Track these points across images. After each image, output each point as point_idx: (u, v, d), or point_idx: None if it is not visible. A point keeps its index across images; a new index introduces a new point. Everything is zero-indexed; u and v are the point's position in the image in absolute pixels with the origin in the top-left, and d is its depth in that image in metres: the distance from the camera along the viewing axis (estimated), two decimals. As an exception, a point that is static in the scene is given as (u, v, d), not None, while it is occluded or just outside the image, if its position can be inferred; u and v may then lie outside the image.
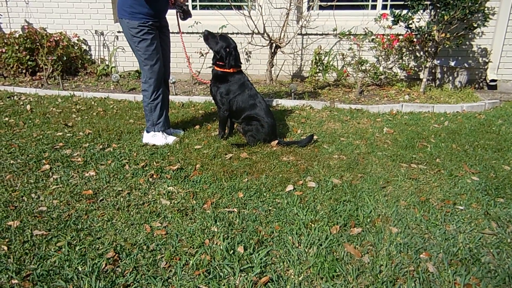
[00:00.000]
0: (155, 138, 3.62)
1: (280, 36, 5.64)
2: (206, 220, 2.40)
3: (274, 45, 5.69)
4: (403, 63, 5.85)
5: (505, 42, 5.67)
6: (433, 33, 5.06)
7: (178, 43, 6.23)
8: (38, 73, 6.24)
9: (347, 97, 5.30)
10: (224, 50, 3.53)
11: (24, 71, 6.18)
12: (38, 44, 5.99)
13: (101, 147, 3.52)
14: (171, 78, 5.16)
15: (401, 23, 5.18)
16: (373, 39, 5.53)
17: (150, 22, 3.33)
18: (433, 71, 5.85)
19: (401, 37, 5.47)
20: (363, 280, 1.93)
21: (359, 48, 5.68)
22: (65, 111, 4.60)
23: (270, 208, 2.55)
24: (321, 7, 5.99)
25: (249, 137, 3.59)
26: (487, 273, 1.98)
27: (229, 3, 5.78)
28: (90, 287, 1.85)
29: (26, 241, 2.18)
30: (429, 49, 5.30)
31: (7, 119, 4.25)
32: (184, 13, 3.63)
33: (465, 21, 5.10)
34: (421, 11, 5.15)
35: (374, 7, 6.06)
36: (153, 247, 2.15)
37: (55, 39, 6.10)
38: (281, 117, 4.43)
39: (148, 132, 3.65)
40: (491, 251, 2.14)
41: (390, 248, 2.15)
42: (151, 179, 2.93)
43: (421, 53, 5.82)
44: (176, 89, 5.68)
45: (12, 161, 3.18)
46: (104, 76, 6.44)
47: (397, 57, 5.71)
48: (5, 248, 2.11)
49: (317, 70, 5.78)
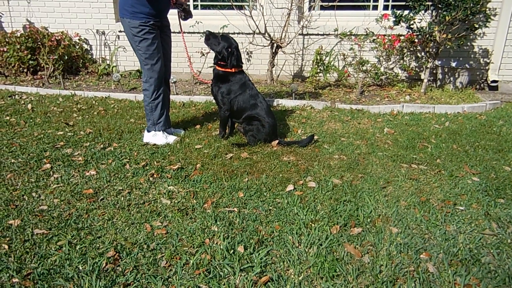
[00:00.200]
0: (156, 137, 3.62)
1: (281, 36, 5.65)
2: (206, 219, 2.41)
3: (275, 45, 5.69)
4: (404, 63, 5.85)
5: (506, 43, 5.67)
6: (434, 34, 5.06)
7: (179, 43, 6.23)
8: (39, 72, 6.25)
9: (348, 97, 5.30)
10: (226, 50, 3.53)
11: (25, 70, 6.19)
12: (39, 43, 6.00)
13: (102, 146, 3.52)
14: (172, 77, 5.17)
15: (403, 24, 5.18)
16: (374, 39, 5.53)
17: (151, 21, 3.32)
18: (434, 71, 5.84)
19: (402, 38, 5.47)
20: (363, 280, 1.93)
21: (360, 48, 5.68)
22: (66, 110, 4.60)
23: (270, 207, 2.56)
24: (323, 7, 6.00)
25: (250, 137, 3.59)
26: (487, 274, 1.98)
27: (230, 3, 5.79)
28: (90, 286, 1.86)
29: (26, 240, 2.18)
30: (430, 50, 5.30)
31: (8, 118, 4.26)
32: (185, 13, 3.63)
33: (467, 22, 5.10)
34: (423, 12, 5.15)
35: (375, 8, 6.06)
36: (154, 246, 2.16)
37: (57, 38, 6.11)
38: (282, 117, 4.43)
39: (148, 131, 3.65)
40: (491, 251, 2.14)
41: (390, 248, 2.15)
42: (151, 179, 2.94)
43: (422, 54, 5.82)
44: (177, 89, 5.68)
45: (13, 160, 3.19)
46: (105, 75, 6.45)
47: (398, 57, 5.71)
48: (6, 247, 2.11)
49: (318, 70, 5.78)
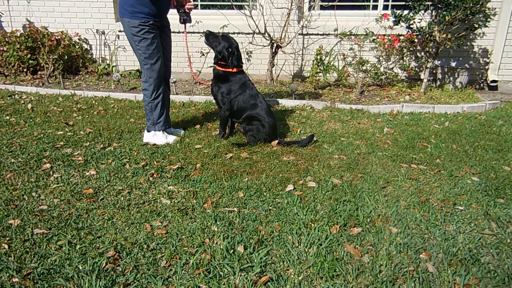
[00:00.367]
0: (156, 137, 3.62)
1: (281, 36, 5.65)
2: (206, 219, 2.41)
3: (275, 45, 5.69)
4: (404, 63, 5.85)
5: (506, 42, 5.67)
6: (434, 34, 5.06)
7: (179, 43, 6.25)
8: (39, 72, 6.25)
9: (348, 97, 5.30)
10: (226, 50, 3.52)
11: (25, 70, 6.19)
12: (39, 43, 6.00)
13: (102, 146, 3.52)
14: (172, 77, 5.17)
15: (402, 24, 5.18)
16: (374, 39, 5.53)
17: (151, 21, 3.32)
18: (434, 71, 5.84)
19: (402, 38, 5.47)
20: (363, 280, 1.93)
21: (360, 48, 5.68)
22: (66, 110, 4.60)
23: (270, 207, 2.56)
24: (322, 7, 6.00)
25: (250, 137, 3.59)
26: (487, 273, 1.98)
27: (230, 3, 5.79)
28: (90, 285, 1.86)
29: (26, 239, 2.18)
30: (430, 50, 5.30)
31: (8, 117, 4.26)
32: (186, 16, 3.65)
33: (466, 22, 5.10)
34: (422, 12, 5.15)
35: (375, 8, 6.07)
36: (154, 246, 2.16)
37: (56, 38, 6.10)
38: (282, 117, 4.43)
39: (148, 131, 3.65)
40: (491, 251, 2.15)
41: (390, 248, 2.15)
42: (151, 178, 2.94)
43: (422, 54, 5.82)
44: (177, 89, 5.68)
45: (13, 160, 3.19)
46: (105, 75, 6.45)
47: (398, 57, 5.72)
48: (6, 246, 2.11)
49: (318, 70, 5.78)
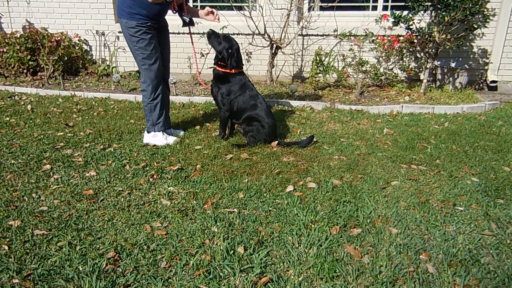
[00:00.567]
0: (156, 138, 3.63)
1: (280, 37, 5.65)
2: (206, 220, 2.41)
3: (274, 45, 5.70)
4: (404, 64, 5.85)
5: (505, 43, 5.68)
6: (433, 34, 5.07)
7: (178, 44, 6.27)
8: (39, 73, 6.25)
9: (348, 98, 5.30)
10: (226, 51, 3.52)
11: (25, 71, 6.19)
12: (39, 44, 6.00)
13: (102, 147, 3.53)
14: (172, 78, 5.17)
15: (402, 24, 5.19)
16: (373, 40, 5.54)
17: (148, 23, 3.34)
18: (434, 72, 5.85)
19: (401, 38, 5.47)
20: (363, 280, 1.93)
21: (359, 49, 5.68)
22: (66, 111, 4.61)
23: (270, 208, 2.56)
24: (322, 8, 6.00)
25: (250, 138, 3.59)
26: (487, 274, 1.98)
27: (230, 4, 5.79)
28: (90, 286, 1.86)
29: (27, 240, 2.18)
30: (430, 50, 5.30)
31: (8, 119, 4.26)
32: (188, 19, 3.65)
33: (466, 22, 5.11)
34: (422, 12, 5.15)
35: (374, 8, 6.07)
36: (154, 247, 2.16)
37: (56, 39, 6.10)
38: (282, 118, 4.44)
39: (148, 132, 3.65)
40: (491, 252, 2.15)
41: (390, 248, 2.15)
42: (151, 179, 2.94)
43: (422, 54, 5.83)
44: (176, 90, 5.68)
45: (13, 161, 3.19)
46: (105, 76, 6.45)
47: (397, 58, 5.72)
48: (6, 247, 2.11)
49: (318, 70, 5.78)
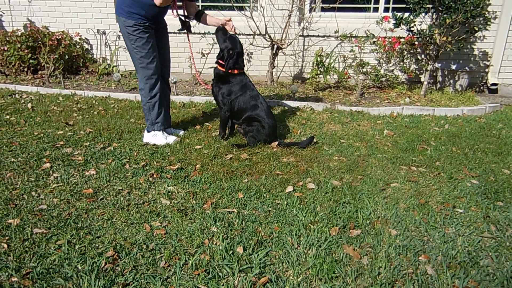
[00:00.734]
0: (156, 137, 3.62)
1: (281, 37, 5.65)
2: (205, 220, 2.41)
3: (275, 46, 5.70)
4: (404, 65, 5.86)
5: (506, 46, 5.68)
6: (434, 36, 5.07)
7: (179, 43, 6.27)
8: (39, 72, 6.25)
9: (348, 99, 5.30)
10: (227, 51, 3.51)
11: (25, 70, 6.19)
12: (40, 42, 6.00)
13: (102, 146, 3.53)
14: (173, 78, 5.17)
15: (403, 26, 5.19)
16: (374, 41, 5.54)
17: (146, 23, 3.35)
18: (434, 74, 5.85)
19: (402, 40, 5.47)
20: (362, 281, 1.93)
21: (360, 50, 5.69)
22: (66, 110, 4.61)
23: (269, 209, 2.56)
24: (323, 9, 6.00)
25: (250, 138, 3.59)
26: (486, 276, 1.98)
27: (231, 4, 5.80)
28: (89, 285, 1.86)
29: (26, 239, 2.18)
30: (431, 52, 5.31)
31: (8, 117, 4.26)
32: (187, 25, 3.71)
33: (467, 25, 5.11)
34: (423, 14, 5.16)
35: (376, 10, 6.08)
36: (153, 246, 2.16)
37: (57, 37, 6.11)
38: (282, 118, 4.44)
39: (148, 131, 3.65)
40: (490, 254, 2.15)
41: (389, 250, 2.15)
42: (151, 179, 2.94)
43: (422, 56, 5.83)
44: (177, 89, 5.68)
45: (13, 159, 3.19)
46: (105, 75, 6.45)
47: (398, 59, 5.72)
48: (5, 246, 2.11)
49: (318, 71, 5.79)
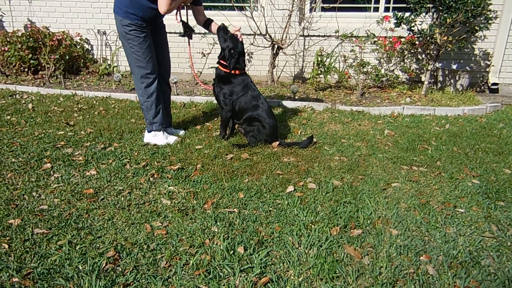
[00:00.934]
0: (156, 138, 3.62)
1: (282, 37, 5.65)
2: (206, 220, 2.41)
3: (276, 46, 5.70)
4: (405, 65, 5.85)
5: (507, 45, 5.68)
6: (435, 36, 5.07)
7: (180, 43, 6.26)
8: (40, 72, 6.26)
9: (349, 98, 5.30)
10: (228, 50, 3.51)
11: (26, 70, 6.19)
12: (40, 43, 6.00)
13: (103, 146, 3.53)
14: (173, 78, 5.17)
15: (403, 26, 5.18)
16: (375, 41, 5.54)
17: (143, 24, 3.35)
18: (435, 74, 5.85)
19: (403, 40, 5.47)
20: (363, 281, 1.93)
21: (361, 50, 5.68)
22: (67, 110, 4.61)
23: (270, 208, 2.56)
24: (324, 9, 6.00)
25: (251, 138, 3.59)
26: (487, 276, 1.98)
27: (231, 4, 5.79)
28: (90, 285, 1.86)
29: (27, 239, 2.18)
30: (431, 52, 5.30)
31: (9, 117, 4.27)
32: (189, 30, 3.72)
33: (468, 25, 5.11)
34: (424, 14, 5.15)
35: (376, 10, 6.07)
36: (154, 246, 2.16)
37: (58, 38, 6.11)
38: (283, 118, 4.43)
39: (149, 132, 3.65)
40: (491, 254, 2.14)
41: (390, 250, 2.15)
42: (152, 179, 2.94)
43: (423, 56, 5.83)
44: (177, 89, 5.68)
45: (13, 160, 3.19)
46: (106, 75, 6.46)
47: (399, 59, 5.72)
48: (6, 246, 2.11)
49: (319, 71, 5.78)
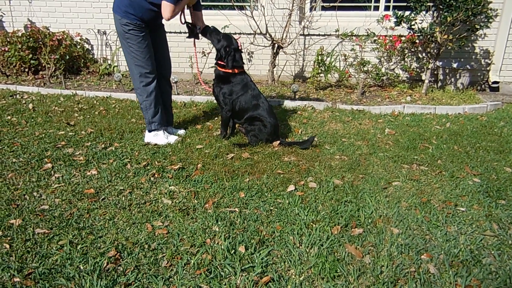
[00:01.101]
0: (157, 137, 3.62)
1: (282, 36, 5.65)
2: (207, 219, 2.41)
3: (276, 45, 5.69)
4: (405, 64, 5.85)
5: (507, 44, 5.67)
6: (435, 35, 5.06)
7: (180, 43, 6.26)
8: (40, 72, 6.26)
9: (349, 98, 5.29)
10: (224, 49, 3.51)
11: (26, 70, 6.19)
12: (41, 43, 6.00)
13: (103, 146, 3.53)
14: (174, 77, 5.17)
15: (404, 24, 5.18)
16: (375, 40, 5.53)
17: (142, 24, 3.35)
18: (435, 72, 5.84)
19: (403, 38, 5.46)
20: (364, 280, 1.93)
21: (361, 49, 5.68)
22: (67, 110, 4.61)
23: (271, 208, 2.56)
24: (324, 8, 6.00)
25: (252, 137, 3.59)
26: (488, 275, 1.98)
27: (231, 4, 5.79)
28: (91, 285, 1.86)
29: (28, 239, 2.19)
30: (432, 51, 5.30)
31: (9, 117, 4.27)
32: (196, 31, 3.70)
33: (468, 23, 5.10)
34: (424, 13, 5.15)
35: (376, 8, 6.06)
36: (155, 246, 2.16)
37: (58, 38, 6.11)
38: (283, 118, 4.43)
39: (149, 131, 3.65)
40: (492, 252, 2.14)
41: (391, 249, 2.15)
42: (152, 179, 2.94)
43: (423, 55, 5.82)
44: (178, 89, 5.68)
45: (14, 160, 3.19)
46: (106, 75, 6.45)
47: (399, 58, 5.71)
48: (7, 246, 2.12)
49: (319, 70, 5.78)
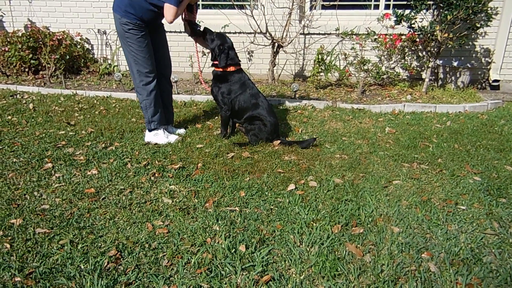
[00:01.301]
0: (157, 137, 3.62)
1: (282, 35, 5.64)
2: (208, 218, 2.41)
3: (276, 44, 5.69)
4: (406, 63, 5.84)
5: (508, 42, 5.67)
6: (435, 33, 5.05)
7: (180, 42, 6.27)
8: (40, 72, 6.26)
9: (349, 96, 5.29)
10: (218, 48, 3.51)
11: (27, 70, 6.20)
12: (41, 43, 6.01)
13: (104, 145, 3.53)
14: (174, 77, 5.17)
15: (404, 23, 5.17)
16: (375, 38, 5.52)
17: (142, 24, 3.35)
18: (436, 71, 5.83)
19: (403, 37, 5.46)
20: (365, 279, 1.93)
21: (361, 47, 5.67)
22: (68, 110, 4.61)
23: (271, 207, 2.56)
24: (324, 7, 5.99)
25: (252, 136, 3.59)
26: (489, 273, 1.97)
27: (231, 3, 5.78)
28: (92, 285, 1.86)
29: (28, 239, 2.19)
30: (432, 49, 5.29)
31: (10, 117, 4.27)
32: (197, 28, 3.70)
33: (468, 21, 5.09)
34: (424, 11, 5.14)
35: (376, 7, 6.06)
36: (155, 245, 2.16)
37: (58, 38, 6.11)
38: (283, 117, 4.43)
39: (149, 131, 3.65)
40: (493, 251, 2.14)
41: (391, 247, 2.15)
42: (153, 178, 2.94)
43: (424, 53, 5.81)
44: (178, 88, 5.68)
45: (14, 159, 3.19)
46: (106, 75, 6.46)
47: (399, 57, 5.71)
48: (8, 246, 2.12)
49: (319, 69, 5.77)
